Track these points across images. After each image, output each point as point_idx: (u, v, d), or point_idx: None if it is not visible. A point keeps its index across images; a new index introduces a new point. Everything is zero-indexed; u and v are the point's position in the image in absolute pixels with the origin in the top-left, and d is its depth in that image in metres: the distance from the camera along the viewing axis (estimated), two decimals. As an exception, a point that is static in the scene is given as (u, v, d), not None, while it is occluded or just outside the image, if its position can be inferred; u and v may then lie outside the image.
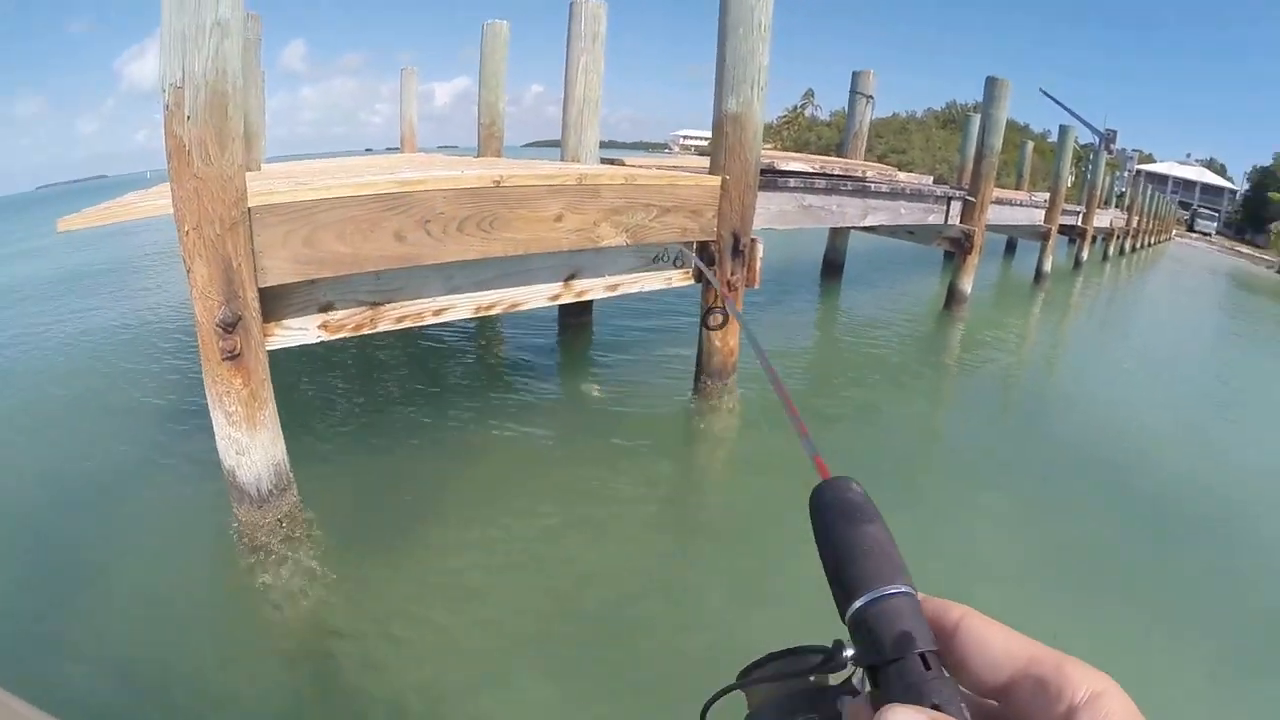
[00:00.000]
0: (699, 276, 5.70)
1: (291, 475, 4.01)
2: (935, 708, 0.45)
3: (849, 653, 0.53)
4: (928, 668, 0.47)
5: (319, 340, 4.04)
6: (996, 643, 0.48)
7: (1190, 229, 65.40)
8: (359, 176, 4.26)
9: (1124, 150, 53.32)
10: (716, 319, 5.32)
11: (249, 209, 3.44)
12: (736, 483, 5.37)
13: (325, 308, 4.01)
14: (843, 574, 0.55)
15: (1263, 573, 4.81)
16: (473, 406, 6.09)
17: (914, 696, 0.46)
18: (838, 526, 0.59)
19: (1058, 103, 54.37)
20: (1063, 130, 18.47)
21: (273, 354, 3.78)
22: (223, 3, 3.19)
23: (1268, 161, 67.40)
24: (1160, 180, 62.64)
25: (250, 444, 3.73)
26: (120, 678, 3.18)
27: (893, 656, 0.48)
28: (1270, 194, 61.32)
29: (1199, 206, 70.10)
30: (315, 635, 3.49)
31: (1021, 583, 4.22)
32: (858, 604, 0.51)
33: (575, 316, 8.22)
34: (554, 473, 5.07)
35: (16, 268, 15.67)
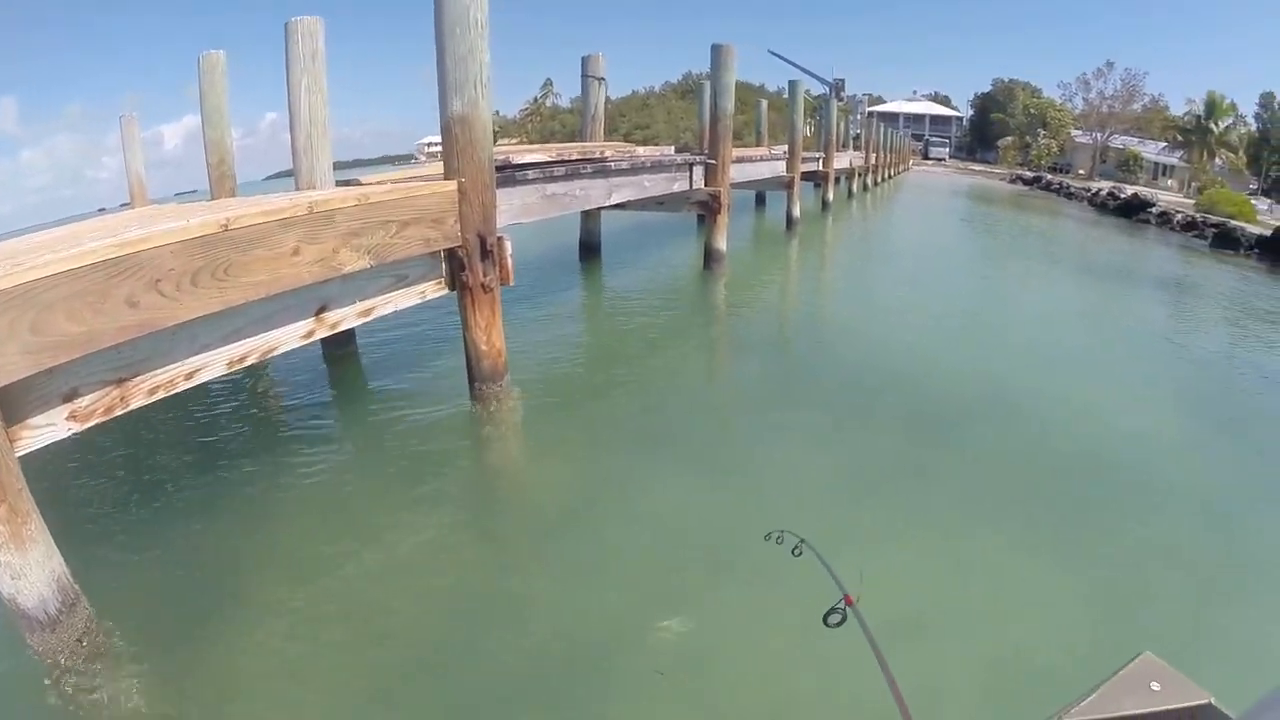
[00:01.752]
0: (453, 284, 5.82)
1: (77, 588, 3.76)
2: None
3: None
4: None
5: (70, 433, 3.84)
6: None
7: (925, 157, 72.46)
8: (80, 244, 4.01)
9: (854, 96, 57.80)
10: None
11: (-38, 307, 3.29)
12: (530, 477, 5.58)
13: (70, 396, 3.81)
14: None
15: (1031, 442, 5.68)
16: (255, 466, 5.86)
17: None
18: None
19: (786, 60, 58.17)
20: (792, 85, 20.03)
21: (25, 460, 3.57)
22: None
23: (988, 88, 75.71)
24: (891, 118, 68.44)
25: (24, 565, 3.48)
26: None
27: None
28: (993, 115, 68.64)
29: (930, 136, 79.31)
30: None
31: (830, 490, 4.77)
32: None
33: (339, 347, 8.00)
34: (350, 512, 5.02)
35: None
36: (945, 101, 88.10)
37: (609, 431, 6.03)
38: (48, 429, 3.74)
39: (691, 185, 11.03)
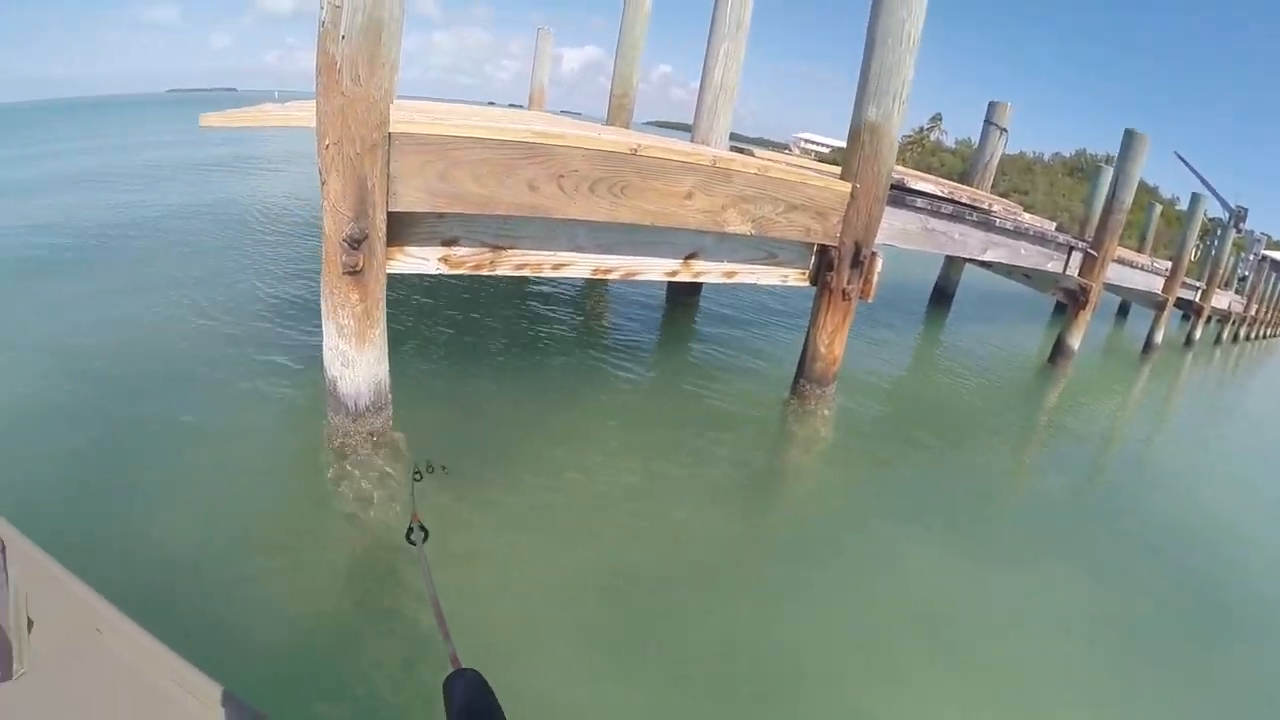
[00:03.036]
0: (814, 280, 5.60)
1: (390, 395, 4.10)
2: None
3: None
4: None
5: (437, 272, 4.10)
6: None
7: None
8: (497, 122, 4.30)
9: (1252, 232, 50.92)
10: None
11: (390, 134, 3.49)
12: (815, 492, 5.26)
13: (449, 242, 4.06)
14: None
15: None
16: (569, 362, 6.15)
17: None
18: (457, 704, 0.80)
19: (1192, 170, 52.10)
20: (1194, 199, 17.63)
21: (390, 278, 3.86)
22: (388, -67, 3.25)
23: None
24: None
25: (357, 358, 3.82)
26: (184, 551, 3.31)
27: None
28: None
29: None
30: (378, 546, 3.56)
31: (1071, 649, 4.07)
32: None
33: (685, 295, 8.20)
34: (636, 440, 5.05)
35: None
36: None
37: (902, 482, 5.54)
38: (420, 261, 4.02)
39: (1065, 269, 10.08)
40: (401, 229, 3.85)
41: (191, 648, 1.86)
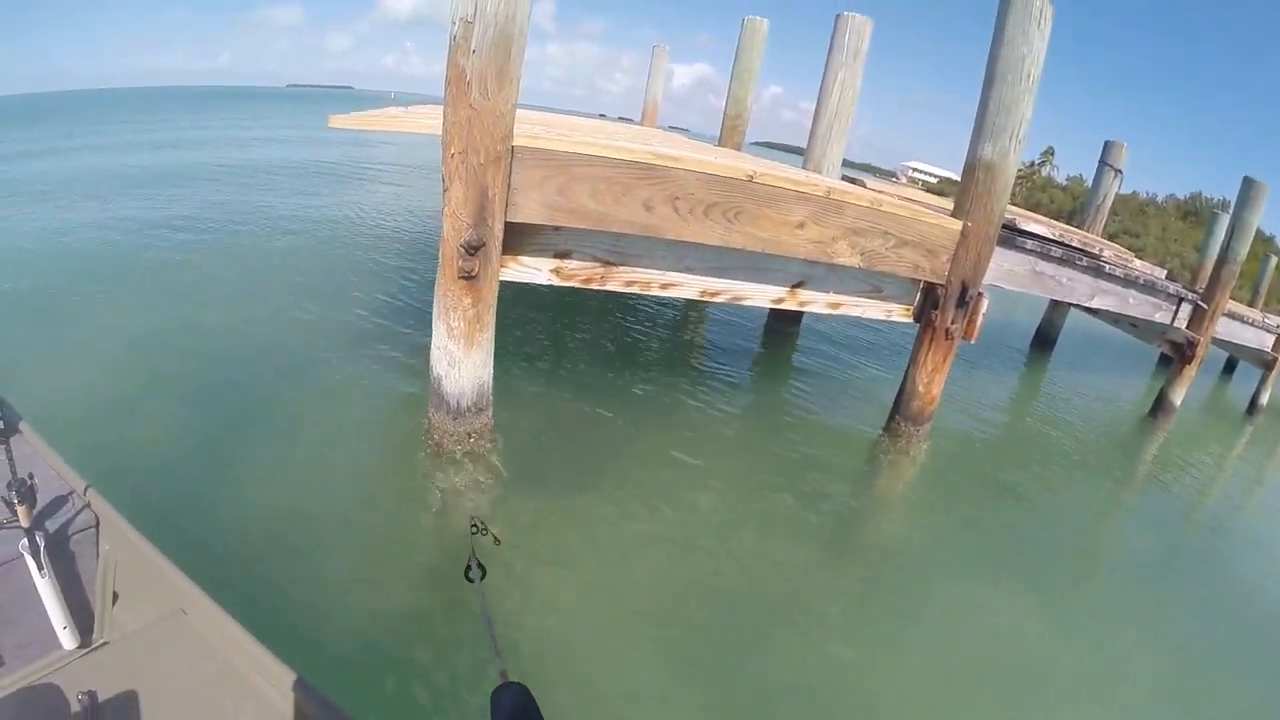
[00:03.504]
0: (919, 317, 5.49)
1: (491, 398, 4.19)
2: None
3: None
4: None
5: (548, 283, 4.16)
6: None
7: None
8: (613, 140, 4.35)
9: (1382, 290, 48.23)
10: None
11: (514, 147, 3.57)
12: (899, 535, 5.15)
13: (562, 255, 4.12)
14: None
15: None
16: (665, 382, 6.15)
17: None
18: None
19: (1314, 220, 49.69)
20: None
21: (502, 284, 3.95)
22: (519, -47, 3.30)
23: None
24: None
25: (464, 359, 3.91)
26: (274, 537, 3.44)
27: None
28: None
29: None
30: (455, 537, 3.63)
31: (1146, 713, 3.94)
32: None
33: (785, 324, 8.15)
34: (722, 469, 5.01)
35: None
36: None
37: (985, 530, 5.35)
38: (533, 271, 4.10)
39: (1174, 321, 9.69)
40: (517, 239, 3.92)
41: (268, 627, 1.94)
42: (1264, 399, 15.09)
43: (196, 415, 4.35)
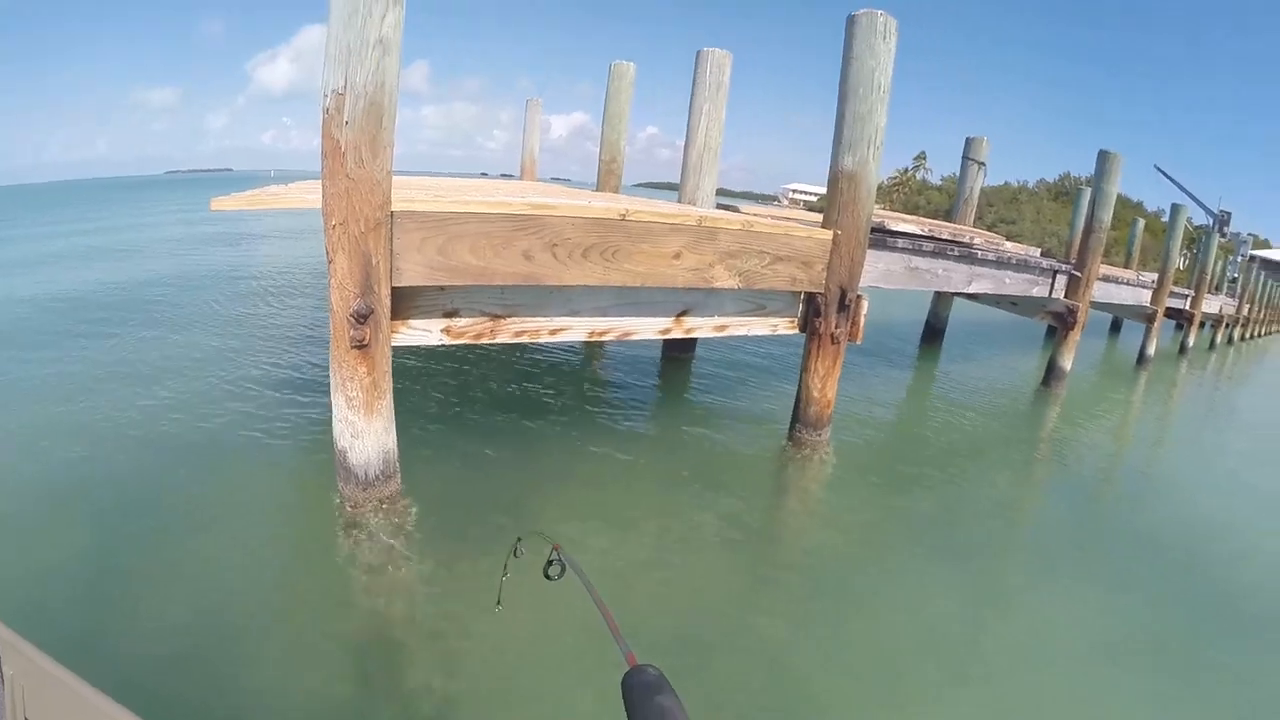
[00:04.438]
0: (804, 326, 5.71)
1: (398, 464, 4.20)
2: None
3: None
4: None
5: (440, 343, 4.23)
6: None
7: None
8: (490, 195, 4.45)
9: (1239, 234, 50.58)
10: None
11: (393, 213, 3.64)
12: (824, 535, 5.26)
13: (450, 314, 4.19)
14: None
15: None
16: (570, 425, 6.20)
17: None
18: (638, 700, 0.84)
19: (1172, 180, 52.25)
20: (1175, 209, 17.58)
21: (395, 350, 3.99)
22: (386, 22, 3.41)
23: None
24: (1276, 268, 58.45)
25: (366, 429, 3.93)
26: (193, 634, 3.31)
27: None
28: None
29: None
30: (390, 614, 3.61)
31: (1090, 671, 4.08)
32: None
33: (679, 351, 8.32)
34: (641, 499, 5.10)
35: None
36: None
37: (901, 521, 5.52)
38: (424, 334, 4.15)
39: (1051, 293, 10.14)
40: (405, 303, 3.98)
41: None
42: (1150, 349, 15.97)
43: (92, 517, 4.20)
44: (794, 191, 79.57)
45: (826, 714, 3.36)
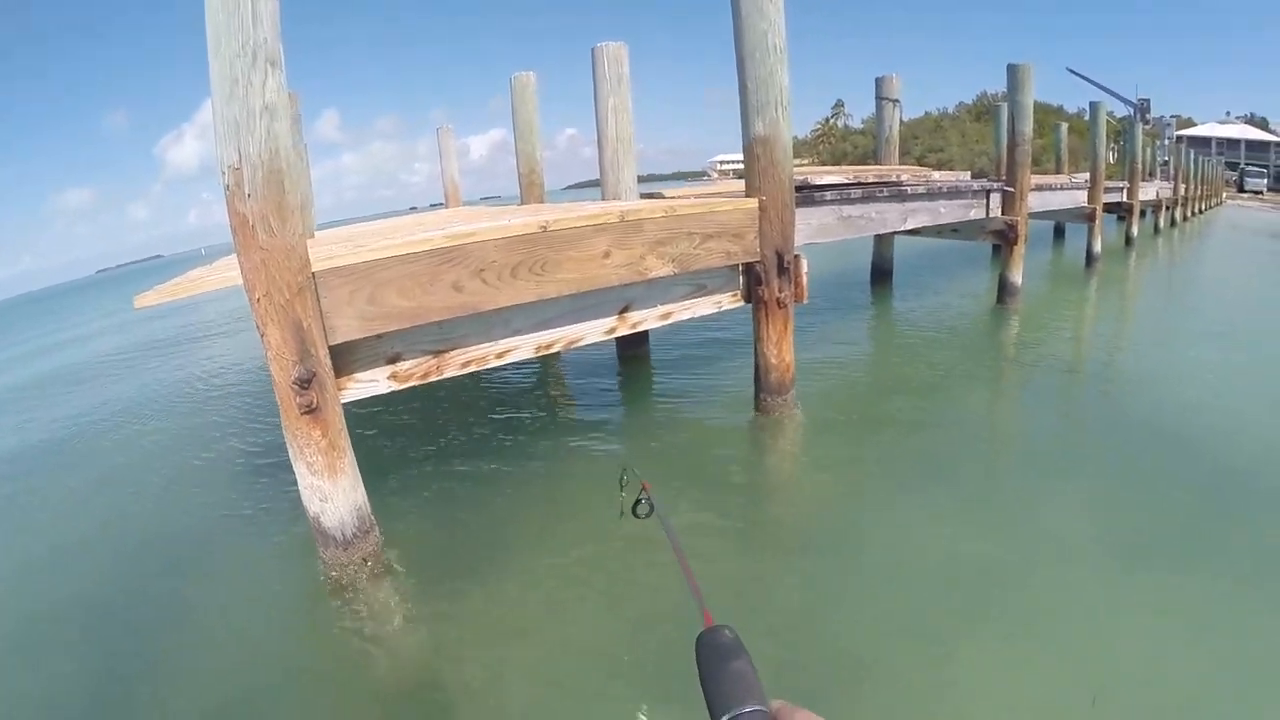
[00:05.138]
0: (748, 297, 5.72)
1: (373, 518, 4.13)
2: None
3: None
4: None
5: (389, 390, 4.19)
6: None
7: (1240, 189, 60.83)
8: (412, 234, 4.42)
9: (1161, 118, 51.16)
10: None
11: (314, 274, 3.58)
12: (800, 491, 5.31)
13: (393, 359, 4.15)
14: (712, 697, 0.73)
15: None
16: (539, 442, 6.16)
17: None
18: (711, 663, 0.79)
19: (1086, 79, 52.76)
20: (1094, 106, 17.72)
21: (347, 406, 3.94)
22: (268, 88, 3.35)
23: (1317, 106, 62.91)
24: (1203, 143, 58.59)
25: (332, 491, 3.86)
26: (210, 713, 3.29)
27: None
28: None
29: (1246, 165, 64.01)
30: (399, 669, 3.60)
31: (1105, 567, 4.05)
32: None
33: (633, 347, 8.30)
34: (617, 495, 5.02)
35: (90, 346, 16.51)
36: (1263, 125, 71.56)
37: (884, 460, 5.59)
38: (371, 384, 4.11)
39: (988, 213, 10.19)
40: (346, 358, 3.94)
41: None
42: (1097, 247, 16.14)
43: (81, 634, 4.11)
44: (721, 164, 79.80)
45: (859, 652, 3.35)
